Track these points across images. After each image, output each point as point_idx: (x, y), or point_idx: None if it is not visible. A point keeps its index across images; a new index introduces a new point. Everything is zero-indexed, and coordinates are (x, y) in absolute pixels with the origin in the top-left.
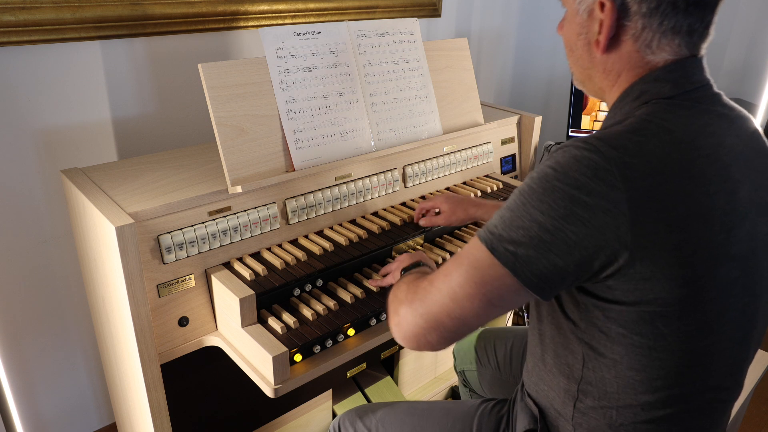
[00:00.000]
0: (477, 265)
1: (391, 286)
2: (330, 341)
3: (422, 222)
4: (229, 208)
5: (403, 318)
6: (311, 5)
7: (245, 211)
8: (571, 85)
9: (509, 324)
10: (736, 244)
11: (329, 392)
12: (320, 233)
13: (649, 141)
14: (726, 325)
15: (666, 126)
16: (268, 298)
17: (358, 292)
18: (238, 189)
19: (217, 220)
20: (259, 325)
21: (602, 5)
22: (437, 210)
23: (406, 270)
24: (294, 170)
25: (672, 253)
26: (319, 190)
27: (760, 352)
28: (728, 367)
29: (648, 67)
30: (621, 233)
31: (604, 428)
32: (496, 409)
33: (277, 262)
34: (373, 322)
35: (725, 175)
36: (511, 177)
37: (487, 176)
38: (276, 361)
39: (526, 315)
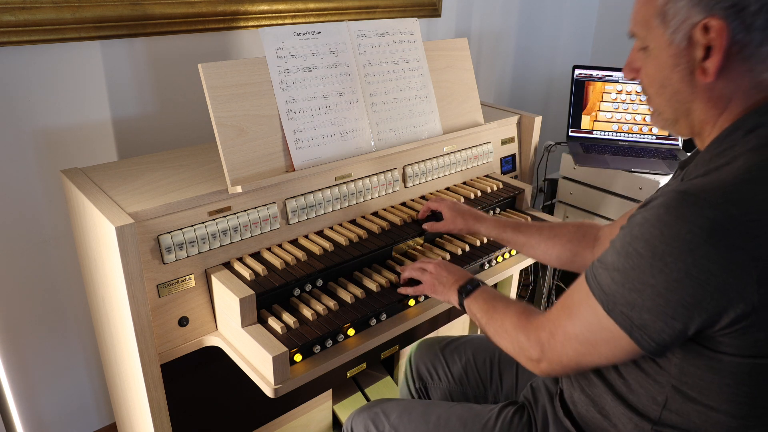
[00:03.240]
0: (591, 328)
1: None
2: (330, 341)
3: (424, 226)
4: (229, 208)
5: (539, 362)
6: (311, 5)
7: (245, 211)
8: (571, 85)
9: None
10: None
11: (329, 392)
12: (320, 233)
13: None
14: None
15: None
16: (268, 298)
17: (358, 292)
18: (238, 189)
19: (217, 220)
20: (259, 325)
21: (706, 28)
22: (440, 211)
23: (465, 290)
24: (294, 170)
25: None
26: (319, 190)
27: None
28: None
29: (761, 88)
30: (747, 293)
31: None
32: (516, 419)
33: (277, 262)
34: (373, 322)
35: None
36: (511, 177)
37: (487, 176)
38: (276, 361)
39: None
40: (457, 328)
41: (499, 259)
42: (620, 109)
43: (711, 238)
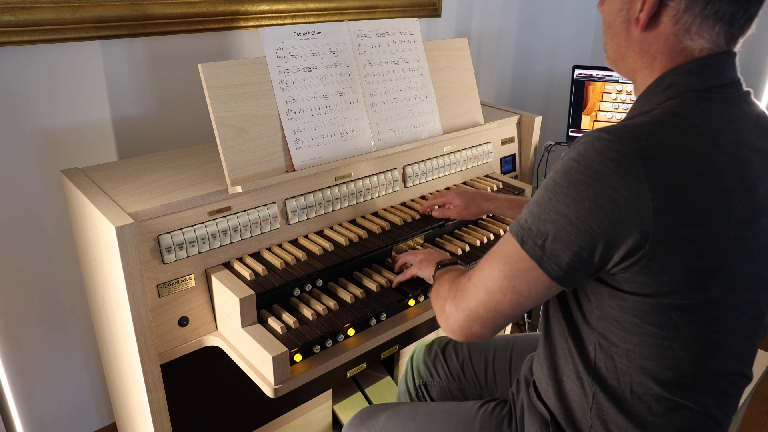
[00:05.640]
0: (507, 260)
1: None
2: (330, 341)
3: (435, 213)
4: (229, 208)
5: (449, 314)
6: (311, 5)
7: (245, 211)
8: (571, 85)
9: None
10: (751, 239)
11: (329, 392)
12: (320, 233)
13: (674, 134)
14: (738, 319)
15: (691, 120)
16: (268, 298)
17: (358, 292)
18: (238, 189)
19: (217, 220)
20: (259, 325)
21: None
22: (450, 205)
23: (442, 264)
24: (294, 170)
25: (688, 247)
26: (319, 190)
27: (760, 352)
28: (737, 360)
29: (683, 54)
30: (644, 225)
31: (620, 420)
32: (497, 410)
33: (277, 262)
34: (373, 322)
35: (746, 171)
36: (511, 177)
37: (487, 176)
38: (276, 361)
39: (527, 315)
40: None
41: None
42: (620, 109)
43: (618, 169)
